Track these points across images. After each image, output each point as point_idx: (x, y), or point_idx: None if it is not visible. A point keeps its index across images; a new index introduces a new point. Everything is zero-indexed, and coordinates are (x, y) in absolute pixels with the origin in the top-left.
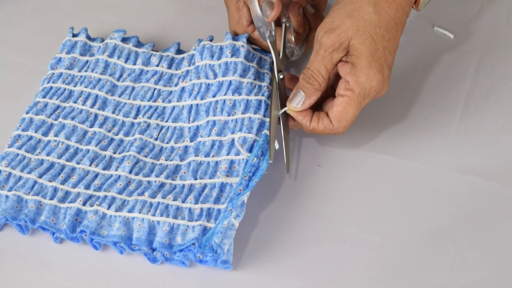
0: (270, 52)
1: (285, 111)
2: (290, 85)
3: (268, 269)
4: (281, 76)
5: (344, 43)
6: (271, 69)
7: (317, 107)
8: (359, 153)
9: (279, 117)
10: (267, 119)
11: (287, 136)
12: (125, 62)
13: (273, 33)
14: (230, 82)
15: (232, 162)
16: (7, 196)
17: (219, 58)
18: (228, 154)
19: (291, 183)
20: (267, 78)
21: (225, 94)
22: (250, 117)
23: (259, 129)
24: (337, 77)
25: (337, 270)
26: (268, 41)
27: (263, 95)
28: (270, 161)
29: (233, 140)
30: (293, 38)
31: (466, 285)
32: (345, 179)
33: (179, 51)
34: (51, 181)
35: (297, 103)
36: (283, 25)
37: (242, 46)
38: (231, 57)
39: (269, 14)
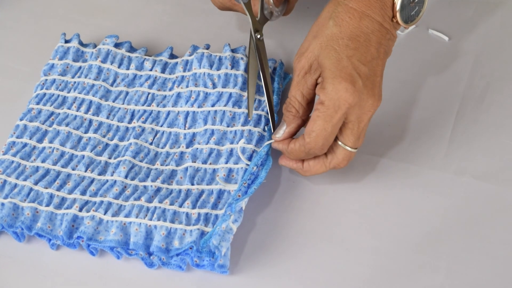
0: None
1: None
2: None
3: (264, 273)
4: (259, 36)
5: (314, 63)
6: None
7: None
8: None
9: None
10: (266, 133)
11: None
12: (118, 67)
13: None
14: (231, 94)
15: (230, 170)
16: (2, 204)
17: (218, 68)
18: (226, 163)
19: (287, 186)
20: None
21: (225, 105)
22: (250, 130)
23: (259, 141)
24: None
25: (333, 273)
26: (241, 2)
27: (262, 110)
28: (249, 119)
29: (231, 150)
30: (271, 0)
31: (462, 287)
32: (340, 181)
33: (172, 56)
34: (46, 188)
35: (280, 133)
36: None
37: (242, 58)
38: (231, 69)
39: None
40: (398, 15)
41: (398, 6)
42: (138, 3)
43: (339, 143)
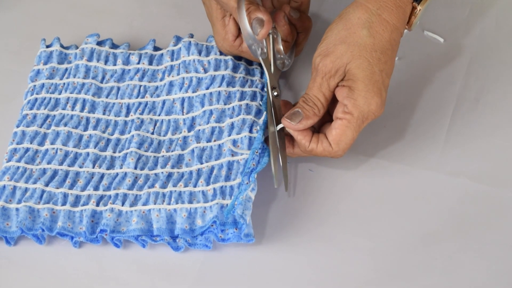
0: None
1: (283, 128)
2: (285, 110)
3: (261, 271)
4: (275, 93)
5: (340, 69)
6: (263, 88)
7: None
8: (350, 157)
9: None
10: (262, 107)
11: (284, 152)
12: (105, 64)
13: (265, 50)
14: (223, 76)
15: (235, 141)
16: (17, 209)
17: (207, 55)
18: (229, 136)
19: (283, 188)
20: (258, 73)
21: (219, 86)
22: (247, 104)
23: (257, 113)
24: (333, 102)
25: (328, 274)
26: (260, 58)
27: (256, 87)
28: (276, 187)
29: (232, 123)
30: (282, 48)
31: (457, 287)
32: (336, 183)
33: (155, 48)
34: (58, 188)
35: (295, 122)
36: (271, 37)
37: None
38: (220, 55)
39: (259, 31)
40: (413, 26)
41: (417, 19)
42: (133, 5)
43: None
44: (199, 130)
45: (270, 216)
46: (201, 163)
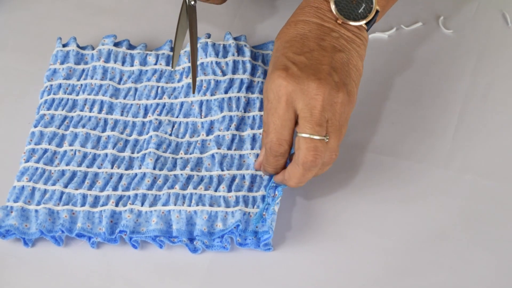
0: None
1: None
2: None
3: (268, 269)
4: (192, 2)
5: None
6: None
7: None
8: (358, 154)
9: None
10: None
11: (196, 51)
12: (122, 65)
13: None
14: (242, 80)
15: (257, 156)
16: (36, 211)
17: (224, 56)
18: (252, 149)
19: (290, 188)
20: None
21: (238, 91)
22: None
23: None
24: None
25: (337, 271)
26: None
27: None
28: (172, 69)
29: (254, 135)
30: None
31: (466, 285)
32: (344, 180)
33: (172, 49)
34: (77, 189)
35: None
36: None
37: (245, 45)
38: (238, 56)
39: None
40: (336, 14)
41: (332, 6)
42: (140, 4)
43: (298, 134)
44: (219, 136)
45: (279, 216)
46: (222, 170)
